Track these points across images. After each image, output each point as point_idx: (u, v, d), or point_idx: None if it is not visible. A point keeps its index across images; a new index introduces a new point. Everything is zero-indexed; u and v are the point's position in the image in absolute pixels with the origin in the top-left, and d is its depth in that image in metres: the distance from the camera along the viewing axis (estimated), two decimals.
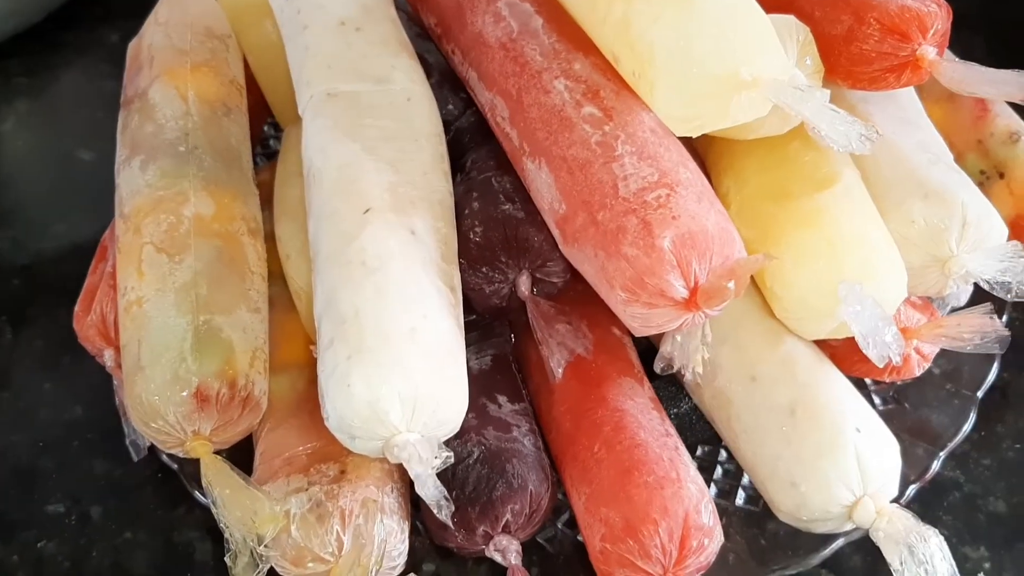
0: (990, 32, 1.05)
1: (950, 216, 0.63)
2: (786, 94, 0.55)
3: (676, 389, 0.75)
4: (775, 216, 0.65)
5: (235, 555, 0.59)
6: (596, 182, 0.61)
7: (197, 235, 0.68)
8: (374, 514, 0.57)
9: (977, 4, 1.06)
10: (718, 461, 0.73)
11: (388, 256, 0.59)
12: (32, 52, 1.20)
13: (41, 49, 1.21)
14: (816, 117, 0.55)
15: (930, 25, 0.64)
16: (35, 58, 1.21)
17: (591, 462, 0.62)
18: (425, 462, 0.52)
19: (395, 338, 0.55)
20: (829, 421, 0.61)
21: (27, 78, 1.20)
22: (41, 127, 1.16)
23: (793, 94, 0.55)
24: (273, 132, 0.96)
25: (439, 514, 0.55)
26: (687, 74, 0.56)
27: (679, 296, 0.57)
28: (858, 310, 0.57)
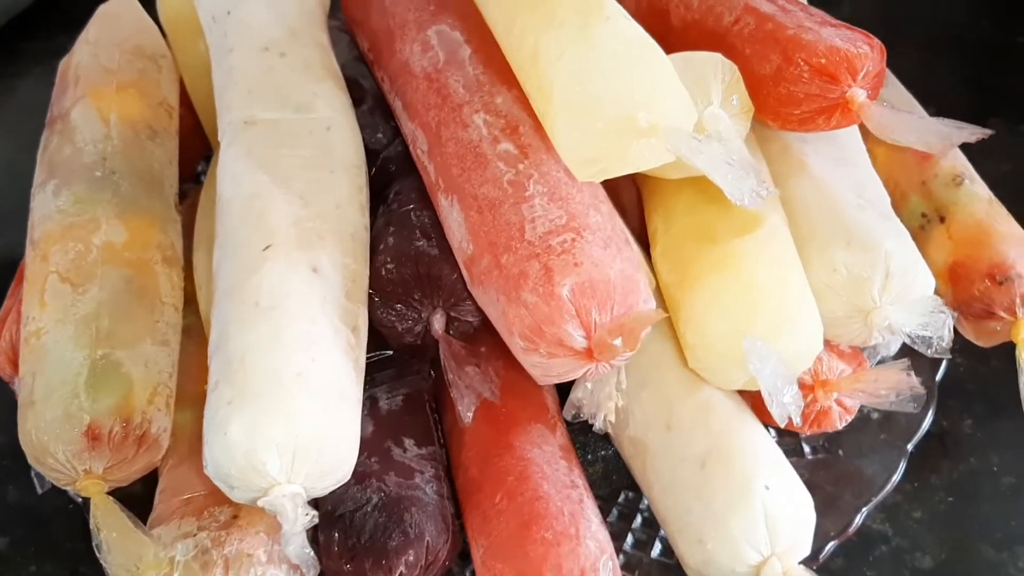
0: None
1: (873, 266, 0.61)
2: (682, 143, 0.53)
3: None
4: (695, 259, 0.62)
5: None
6: (504, 223, 0.58)
7: (105, 264, 0.67)
8: (246, 568, 0.55)
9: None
10: (639, 509, 0.70)
11: (284, 295, 0.57)
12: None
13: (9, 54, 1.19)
14: (710, 169, 0.53)
15: (860, 67, 0.62)
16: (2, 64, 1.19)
17: (492, 512, 0.59)
18: (293, 519, 0.50)
19: (280, 383, 0.53)
20: (739, 476, 0.59)
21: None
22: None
23: (689, 144, 0.53)
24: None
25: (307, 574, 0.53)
26: (584, 117, 0.54)
27: (578, 346, 0.55)
28: (759, 367, 0.55)
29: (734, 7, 0.66)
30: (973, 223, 0.71)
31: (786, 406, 0.54)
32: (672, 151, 0.53)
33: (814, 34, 0.62)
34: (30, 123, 1.11)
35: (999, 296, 0.68)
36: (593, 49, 0.54)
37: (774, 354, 0.55)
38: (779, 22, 0.64)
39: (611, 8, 0.56)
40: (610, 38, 0.54)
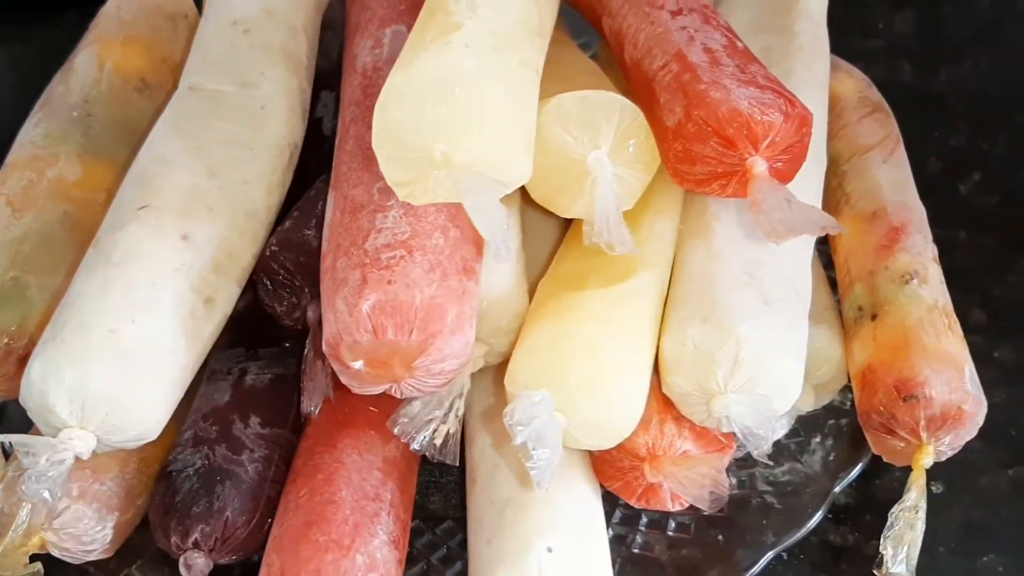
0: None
1: (721, 348, 0.56)
2: (462, 184, 0.51)
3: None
4: (544, 302, 0.60)
5: None
6: (356, 228, 0.59)
7: (49, 196, 0.72)
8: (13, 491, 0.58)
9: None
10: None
11: (134, 255, 0.60)
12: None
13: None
14: (475, 215, 0.51)
15: (762, 135, 0.57)
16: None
17: (292, 505, 0.60)
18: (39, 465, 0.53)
19: (88, 335, 0.56)
20: (524, 531, 0.57)
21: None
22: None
23: (467, 186, 0.51)
24: None
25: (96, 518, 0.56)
26: (391, 139, 0.54)
27: None
28: (520, 421, 0.52)
29: (667, 51, 0.63)
30: (900, 329, 0.64)
31: (531, 470, 0.52)
32: (454, 187, 0.51)
33: (724, 92, 0.58)
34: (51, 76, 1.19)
35: (900, 413, 0.62)
36: (411, 73, 0.53)
37: (547, 415, 0.53)
38: (697, 74, 0.60)
39: (460, 35, 0.54)
40: (431, 65, 0.53)
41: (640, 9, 0.68)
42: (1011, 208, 0.93)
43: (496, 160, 0.53)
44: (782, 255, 0.63)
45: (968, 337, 0.82)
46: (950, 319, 0.65)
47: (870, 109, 0.81)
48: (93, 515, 0.62)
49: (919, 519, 0.59)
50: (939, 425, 0.61)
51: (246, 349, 0.71)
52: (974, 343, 0.82)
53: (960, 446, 0.64)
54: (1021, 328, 0.83)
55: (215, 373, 0.69)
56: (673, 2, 0.67)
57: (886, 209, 0.71)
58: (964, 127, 1.01)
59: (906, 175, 0.75)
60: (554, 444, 0.53)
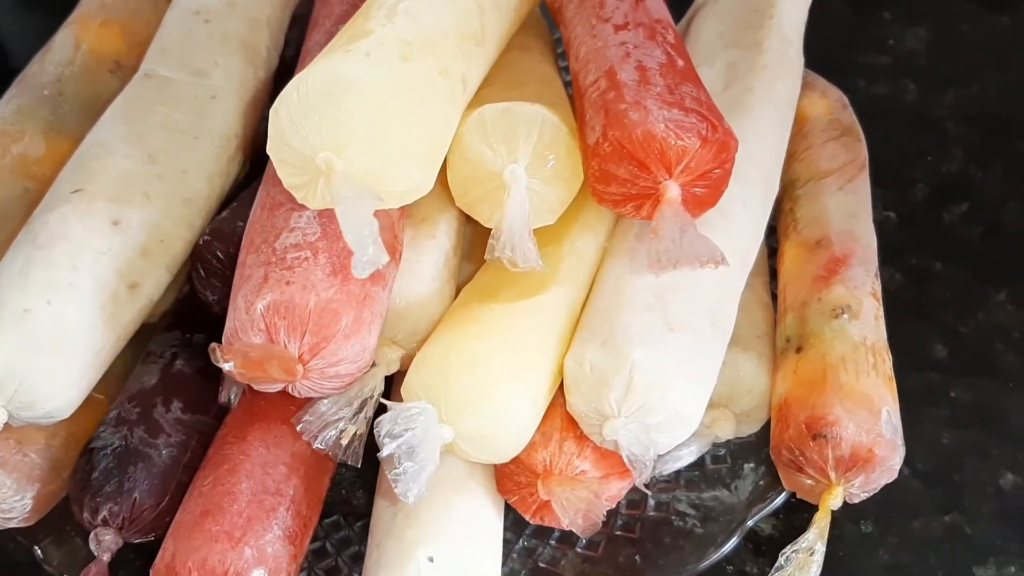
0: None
1: (616, 372, 0.56)
2: (338, 191, 0.51)
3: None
4: (455, 310, 0.61)
5: None
6: (271, 225, 0.60)
7: (10, 172, 0.75)
8: None
9: None
10: None
11: (60, 238, 0.61)
12: None
13: None
14: (344, 223, 0.51)
15: (676, 160, 0.56)
16: None
17: (196, 492, 0.62)
18: None
19: (4, 313, 0.58)
20: (409, 539, 0.57)
21: None
22: None
23: (341, 194, 0.51)
24: None
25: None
26: (282, 141, 0.54)
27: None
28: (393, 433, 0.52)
29: (600, 67, 0.62)
30: (820, 364, 0.62)
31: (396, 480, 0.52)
32: (331, 194, 0.52)
33: (642, 114, 0.57)
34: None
35: (808, 451, 0.60)
36: (305, 79, 0.53)
37: (420, 428, 0.53)
38: (621, 93, 0.59)
39: (366, 42, 0.54)
40: (321, 73, 0.53)
41: (587, 21, 0.67)
42: (993, 241, 0.90)
43: (382, 172, 0.53)
44: (702, 281, 0.62)
45: (924, 373, 0.81)
46: (878, 358, 0.63)
47: (838, 132, 0.79)
48: (12, 484, 0.64)
49: (814, 562, 0.57)
50: (848, 466, 0.60)
51: (183, 333, 0.73)
52: (929, 380, 0.80)
53: (875, 489, 0.62)
54: (982, 369, 0.80)
55: (150, 355, 0.71)
56: (620, 15, 0.66)
57: (831, 238, 0.69)
58: (959, 153, 0.98)
59: (863, 204, 0.73)
60: (424, 457, 0.53)
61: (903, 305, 0.81)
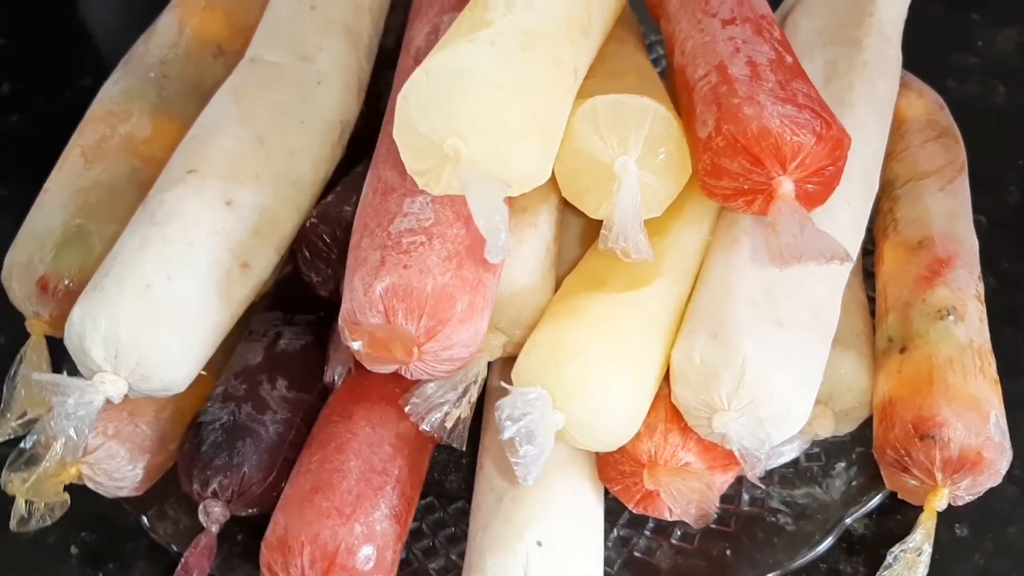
0: None
1: (727, 366, 0.56)
2: (467, 178, 0.52)
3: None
4: (559, 299, 0.61)
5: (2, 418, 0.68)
6: (384, 209, 0.61)
7: (119, 151, 0.77)
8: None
9: None
10: None
11: (176, 215, 0.63)
12: None
13: None
14: (475, 210, 0.52)
15: (791, 156, 0.56)
16: None
17: (304, 469, 0.63)
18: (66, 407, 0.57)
19: (124, 286, 0.60)
20: (516, 521, 0.58)
21: None
22: None
23: (471, 181, 0.52)
24: None
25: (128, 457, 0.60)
26: (408, 131, 0.55)
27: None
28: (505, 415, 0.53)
29: (710, 61, 0.62)
30: (926, 365, 0.62)
31: (515, 465, 0.53)
32: (460, 183, 0.52)
33: (756, 109, 0.57)
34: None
35: (915, 452, 0.60)
36: (429, 69, 0.53)
37: (537, 413, 0.53)
38: (734, 87, 0.59)
39: (488, 32, 0.54)
40: (447, 61, 0.54)
41: (693, 15, 0.67)
42: None
43: (506, 159, 0.54)
44: (809, 278, 0.62)
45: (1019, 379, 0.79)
46: (984, 361, 0.63)
47: (936, 133, 0.78)
48: (125, 454, 0.66)
49: (921, 563, 0.57)
50: (955, 469, 0.60)
51: (284, 313, 0.74)
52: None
53: (980, 492, 0.62)
54: None
55: (252, 334, 0.73)
56: (727, 10, 0.66)
57: (933, 239, 0.69)
58: None
59: (963, 206, 0.73)
60: (542, 441, 0.54)
61: (996, 310, 0.79)
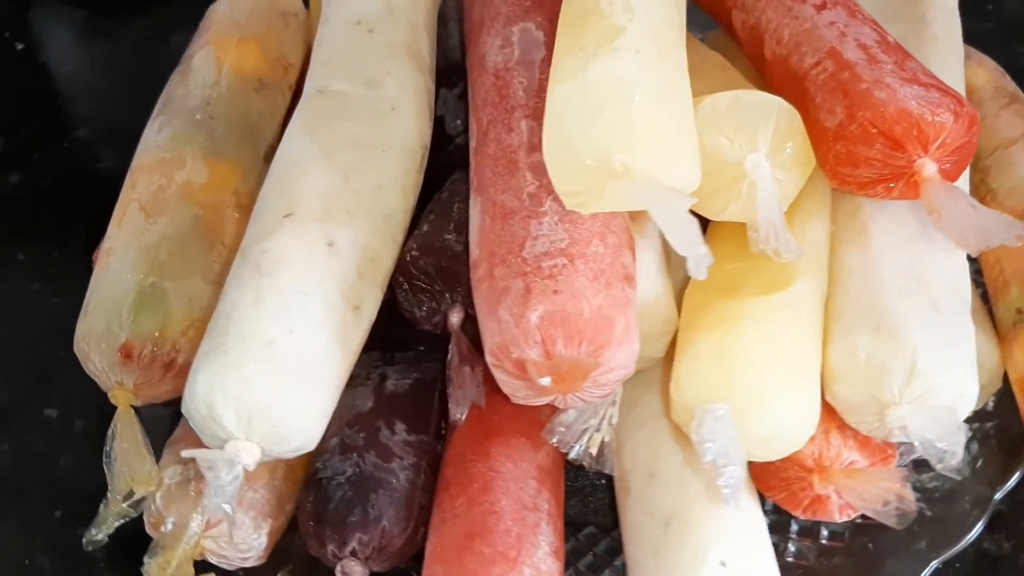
0: None
1: (896, 359, 0.55)
2: (645, 194, 0.50)
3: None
4: (701, 310, 0.59)
5: (107, 503, 0.63)
6: (509, 235, 0.58)
7: (179, 200, 0.72)
8: (193, 509, 0.59)
9: None
10: None
11: (284, 264, 0.59)
12: None
13: None
14: (665, 225, 0.49)
15: (933, 137, 0.55)
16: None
17: (449, 514, 0.60)
18: (220, 479, 0.53)
19: (249, 346, 0.56)
20: (695, 544, 0.56)
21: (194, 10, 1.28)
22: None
23: (652, 196, 0.49)
24: None
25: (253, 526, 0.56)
26: (563, 149, 0.52)
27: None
28: (705, 438, 0.51)
29: (819, 48, 0.61)
30: None
31: (721, 487, 0.51)
32: (636, 199, 0.50)
33: (888, 92, 0.56)
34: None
35: None
36: (582, 82, 0.51)
37: (731, 429, 0.51)
38: (856, 73, 0.58)
39: (626, 40, 0.53)
40: (603, 74, 0.52)
41: (781, 3, 0.66)
42: None
43: (670, 168, 0.52)
44: (942, 258, 0.61)
45: None
46: None
47: (1007, 100, 0.78)
48: (250, 523, 0.62)
49: None
50: None
51: (382, 353, 0.71)
52: None
53: None
54: None
55: (354, 378, 0.68)
56: None
57: None
58: None
59: None
60: (740, 459, 0.52)
61: None
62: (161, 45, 1.25)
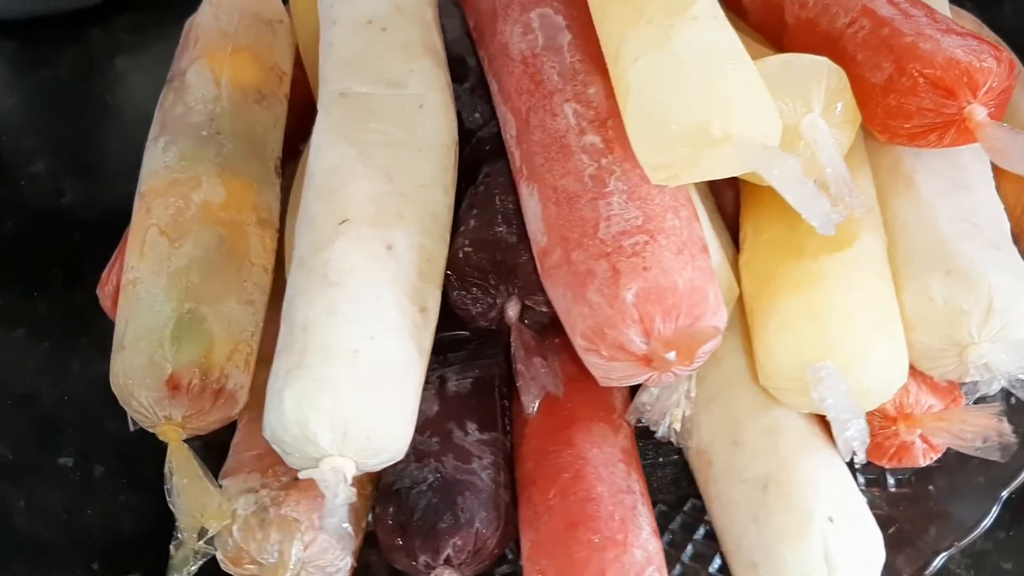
0: None
1: (974, 299, 0.56)
2: (756, 157, 0.50)
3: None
4: (774, 274, 0.60)
5: (179, 544, 0.60)
6: (579, 218, 0.57)
7: (201, 222, 0.69)
8: (292, 534, 0.57)
9: None
10: (704, 520, 0.68)
11: (350, 271, 0.57)
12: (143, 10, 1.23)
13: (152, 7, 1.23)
14: (782, 186, 0.50)
15: (982, 82, 0.57)
16: (144, 16, 1.24)
17: (543, 507, 0.59)
18: (334, 494, 0.51)
19: (335, 358, 0.54)
20: (799, 504, 0.56)
21: (133, 35, 1.24)
22: (136, 86, 1.20)
23: (763, 157, 0.50)
24: None
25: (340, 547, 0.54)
26: (656, 121, 0.52)
27: (639, 352, 0.53)
28: (824, 396, 0.52)
29: (850, 8, 0.62)
30: None
31: (848, 440, 0.51)
32: (745, 164, 0.51)
33: (933, 43, 0.58)
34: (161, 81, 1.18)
35: None
36: (671, 53, 0.51)
37: (843, 384, 0.52)
38: (896, 28, 0.59)
39: (700, 8, 0.53)
40: (691, 42, 0.52)
41: None
42: None
43: (760, 128, 0.52)
44: (985, 198, 0.63)
45: None
46: None
47: None
48: (336, 544, 0.60)
49: None
50: None
51: (435, 355, 0.69)
52: None
53: None
54: None
55: None
56: None
57: None
58: None
59: None
60: (860, 411, 0.52)
61: None
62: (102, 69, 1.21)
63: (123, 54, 1.22)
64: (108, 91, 1.19)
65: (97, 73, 1.21)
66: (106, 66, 1.21)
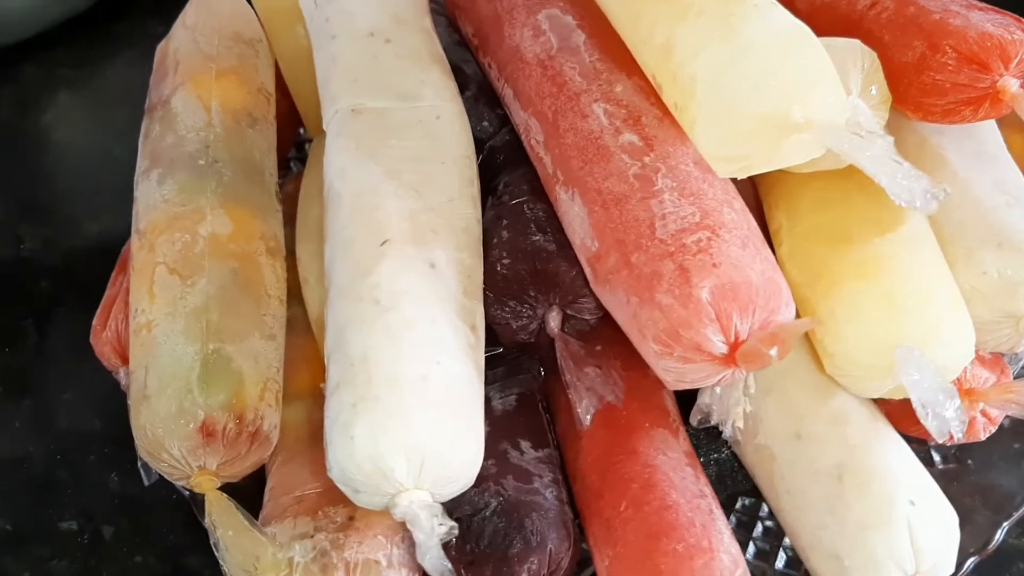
0: None
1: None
2: (843, 140, 0.49)
3: (718, 431, 0.69)
4: (829, 262, 0.59)
5: None
6: (632, 219, 0.56)
7: (212, 256, 0.65)
8: (374, 574, 0.53)
9: None
10: (759, 516, 0.67)
11: (403, 293, 0.55)
12: (79, 43, 1.18)
13: (88, 40, 1.18)
14: (876, 168, 0.49)
15: (1014, 54, 0.57)
16: (81, 49, 1.18)
17: (617, 521, 0.57)
18: (429, 530, 0.48)
19: (405, 386, 0.51)
20: (880, 491, 0.55)
21: (72, 69, 1.18)
22: (81, 121, 1.14)
23: (851, 140, 0.49)
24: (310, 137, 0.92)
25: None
26: (731, 112, 0.51)
27: (718, 352, 0.52)
28: (916, 379, 0.51)
29: None
30: None
31: (947, 420, 0.51)
32: (831, 147, 0.50)
33: (962, 19, 0.58)
34: (122, 107, 1.12)
35: None
36: (740, 42, 0.50)
37: (931, 365, 0.52)
38: (922, 6, 0.60)
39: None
40: (759, 29, 0.51)
41: None
42: None
43: (837, 110, 0.51)
44: (1009, 168, 0.64)
45: None
46: None
47: None
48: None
49: None
50: None
51: None
52: None
53: None
54: None
55: None
56: None
57: None
58: None
59: None
60: (953, 391, 0.52)
61: None
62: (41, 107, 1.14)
63: (63, 89, 1.16)
64: (52, 129, 1.13)
65: (37, 111, 1.15)
66: (46, 103, 1.15)
